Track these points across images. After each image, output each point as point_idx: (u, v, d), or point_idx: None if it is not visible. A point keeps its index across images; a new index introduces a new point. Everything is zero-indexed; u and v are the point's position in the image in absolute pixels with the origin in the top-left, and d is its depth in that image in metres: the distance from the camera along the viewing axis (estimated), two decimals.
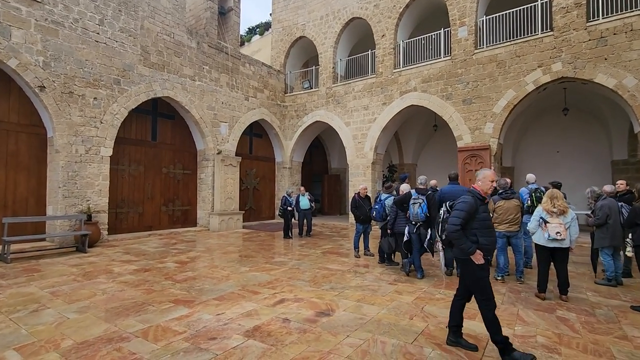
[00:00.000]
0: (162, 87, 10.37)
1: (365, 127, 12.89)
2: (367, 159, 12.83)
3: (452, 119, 10.87)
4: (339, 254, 7.77)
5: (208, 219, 11.78)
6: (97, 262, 6.73)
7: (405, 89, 11.90)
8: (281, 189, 15.40)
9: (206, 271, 6.16)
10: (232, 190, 12.19)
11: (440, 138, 15.79)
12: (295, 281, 5.49)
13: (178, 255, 7.59)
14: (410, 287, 5.14)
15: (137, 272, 6.06)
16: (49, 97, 7.97)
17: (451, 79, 10.87)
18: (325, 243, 9.36)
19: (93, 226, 8.28)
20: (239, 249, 8.38)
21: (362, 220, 7.47)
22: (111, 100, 9.14)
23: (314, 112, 14.43)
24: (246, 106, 13.32)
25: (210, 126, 11.87)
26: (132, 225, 10.25)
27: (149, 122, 10.78)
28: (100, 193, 8.89)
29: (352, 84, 13.32)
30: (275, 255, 7.72)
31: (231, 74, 12.70)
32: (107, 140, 9.07)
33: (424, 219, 5.41)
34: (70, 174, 8.32)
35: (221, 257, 7.40)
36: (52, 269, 6.18)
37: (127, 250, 8.07)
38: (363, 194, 7.57)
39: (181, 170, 11.66)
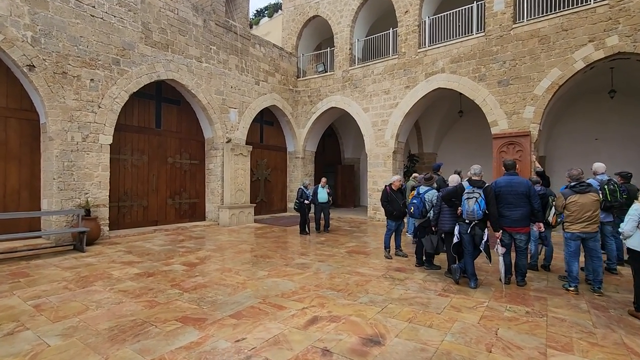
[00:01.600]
0: (166, 68, 9.43)
1: (385, 113, 11.87)
2: (387, 148, 11.84)
3: (485, 103, 9.80)
4: (366, 254, 6.88)
5: (217, 213, 10.95)
6: (94, 264, 5.92)
7: (432, 70, 10.81)
8: (293, 180, 14.52)
9: (218, 276, 5.32)
10: (243, 182, 11.32)
11: (465, 125, 14.73)
12: (324, 290, 4.62)
13: (186, 255, 6.76)
14: (467, 301, 4.23)
15: (140, 276, 5.24)
16: (39, 78, 7.10)
17: (485, 58, 9.77)
18: (347, 240, 8.48)
19: (92, 222, 7.47)
20: (253, 248, 7.53)
21: (395, 217, 6.55)
22: (110, 83, 8.24)
23: (329, 98, 13.42)
24: (256, 91, 12.35)
25: (219, 112, 10.95)
26: (136, 219, 9.45)
27: (153, 107, 9.89)
28: (100, 185, 8.07)
29: (371, 66, 12.26)
30: (295, 255, 6.85)
31: (240, 56, 11.72)
32: (107, 126, 8.20)
33: (480, 217, 4.47)
34: (66, 164, 7.50)
35: (234, 258, 6.55)
36: (42, 272, 5.38)
37: (129, 248, 7.26)
38: (396, 187, 6.63)
39: (188, 160, 10.80)
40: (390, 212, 6.57)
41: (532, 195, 4.67)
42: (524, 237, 4.76)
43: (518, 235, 4.75)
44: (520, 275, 4.77)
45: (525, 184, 4.69)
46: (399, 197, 6.59)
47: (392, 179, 6.71)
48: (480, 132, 14.32)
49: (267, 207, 13.58)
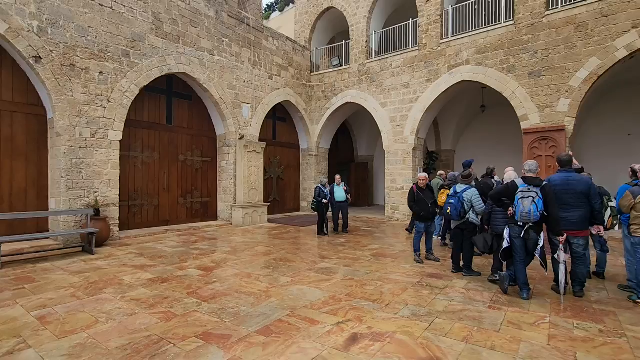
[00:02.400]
0: (178, 61, 9.01)
1: (405, 108, 11.32)
2: (407, 144, 11.30)
3: (514, 96, 9.20)
4: (394, 258, 6.37)
5: (230, 212, 10.53)
6: (104, 268, 5.52)
7: (455, 62, 10.23)
8: (307, 178, 14.06)
9: (238, 282, 4.86)
10: (256, 180, 10.88)
11: (486, 120, 14.12)
12: (358, 301, 4.13)
13: (200, 257, 6.33)
14: (524, 315, 3.71)
15: (153, 283, 4.81)
16: (46, 70, 6.72)
17: (514, 48, 9.16)
18: (369, 242, 7.98)
19: (101, 222, 7.09)
20: (271, 250, 7.07)
21: (424, 218, 6.03)
22: (119, 76, 7.84)
23: (344, 93, 12.90)
24: (270, 86, 11.89)
25: (231, 108, 10.51)
26: (146, 219, 9.07)
27: (163, 102, 9.49)
28: (110, 183, 7.69)
29: (390, 59, 11.71)
30: (316, 258, 6.38)
31: (253, 49, 11.26)
32: (116, 122, 7.81)
33: (537, 219, 3.94)
34: (74, 161, 7.12)
35: (252, 262, 6.10)
36: (48, 278, 4.98)
37: (141, 250, 6.86)
38: (423, 185, 6.10)
39: (200, 157, 10.39)
40: (417, 213, 6.06)
41: (592, 195, 4.13)
42: (582, 242, 4.22)
43: (575, 239, 4.21)
44: (579, 285, 4.23)
45: (586, 182, 4.15)
46: (427, 196, 6.06)
47: (421, 175, 6.17)
48: (503, 127, 13.73)
49: (280, 206, 13.14)
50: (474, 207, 5.01)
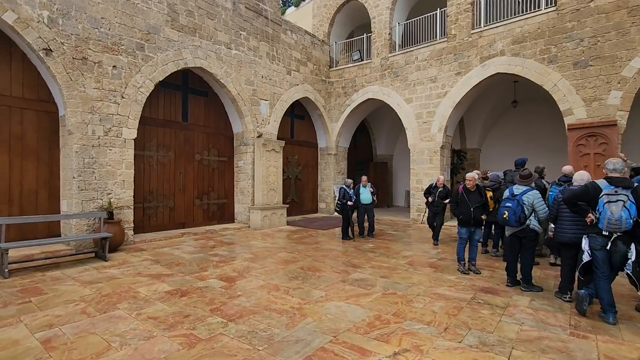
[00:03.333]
0: (194, 55, 8.54)
1: (432, 104, 10.63)
2: (434, 142, 10.61)
3: (556, 89, 8.43)
4: (434, 267, 5.74)
5: (248, 215, 10.03)
6: (118, 278, 5.04)
7: (488, 54, 9.51)
8: (325, 178, 13.48)
9: (265, 297, 4.31)
10: (275, 181, 10.35)
11: (515, 117, 13.31)
12: (409, 323, 3.53)
13: (221, 265, 5.81)
14: (620, 346, 3.05)
15: (171, 296, 4.29)
16: (57, 64, 6.29)
17: (556, 37, 8.40)
18: (400, 247, 7.35)
19: (115, 226, 6.64)
20: (295, 257, 6.51)
21: (464, 222, 5.38)
22: (134, 70, 7.40)
23: (366, 89, 12.27)
24: (288, 81, 11.35)
25: (249, 104, 10.00)
26: (161, 222, 8.63)
27: (179, 99, 9.03)
28: (124, 184, 7.24)
29: (415, 52, 11.03)
30: (347, 267, 5.78)
31: (271, 43, 10.73)
32: (130, 119, 7.37)
33: (629, 227, 3.27)
34: (86, 160, 6.69)
35: (277, 271, 5.55)
36: (57, 289, 4.52)
37: (156, 256, 6.38)
38: (471, 186, 5.44)
39: (216, 157, 9.91)
40: (457, 216, 5.44)
41: None
42: None
43: None
44: None
45: None
46: (474, 198, 5.40)
47: (469, 175, 5.50)
48: (534, 124, 12.92)
49: (297, 208, 12.59)
50: (536, 212, 4.35)
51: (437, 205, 7.67)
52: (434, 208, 7.75)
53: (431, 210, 7.85)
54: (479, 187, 5.58)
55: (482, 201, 5.47)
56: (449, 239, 8.11)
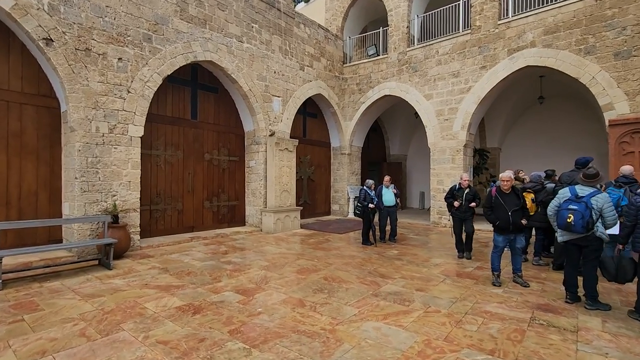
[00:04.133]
0: (204, 48, 8.03)
1: (454, 100, 10.02)
2: (457, 141, 9.99)
3: (595, 82, 7.78)
4: (473, 278, 5.14)
5: (260, 217, 9.49)
6: (123, 290, 4.51)
7: (517, 46, 8.88)
8: (338, 179, 12.92)
9: (290, 314, 3.75)
10: (288, 182, 9.80)
11: (539, 114, 12.64)
12: (469, 352, 2.94)
13: (235, 275, 5.27)
14: None
15: (183, 313, 3.76)
16: (58, 55, 5.81)
17: (594, 25, 7.75)
18: (427, 254, 6.76)
19: (120, 230, 6.13)
20: (316, 265, 5.95)
21: (500, 229, 4.78)
22: (140, 63, 6.90)
23: (382, 85, 11.69)
24: (301, 77, 10.81)
25: (261, 101, 9.47)
26: (169, 225, 8.12)
27: (188, 95, 8.53)
28: (130, 185, 6.74)
29: (435, 46, 10.43)
30: (376, 277, 5.21)
31: (284, 37, 10.20)
32: (137, 115, 6.87)
33: None
34: (90, 159, 6.19)
35: (299, 282, 4.99)
36: (55, 304, 4.00)
37: (164, 264, 5.86)
38: (507, 188, 4.84)
39: (226, 156, 9.40)
40: (493, 222, 4.82)
41: None
42: None
43: None
44: None
45: None
46: (510, 201, 4.79)
47: (505, 175, 4.88)
48: (561, 122, 12.25)
49: (310, 210, 12.03)
50: (605, 219, 3.74)
51: (465, 211, 6.41)
52: (460, 214, 6.44)
53: (457, 217, 6.50)
54: (514, 189, 4.97)
55: (520, 204, 4.85)
56: (476, 244, 7.49)
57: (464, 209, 6.42)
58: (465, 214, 6.43)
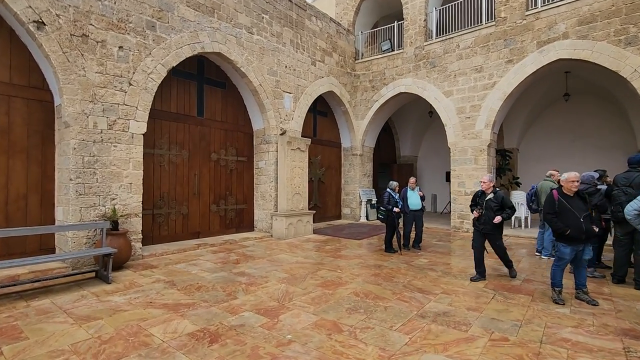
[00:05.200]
0: (212, 38, 7.40)
1: (477, 97, 9.40)
2: (480, 140, 9.36)
3: (637, 75, 7.17)
4: (527, 293, 4.48)
5: (270, 222, 8.82)
6: (123, 310, 3.84)
7: (548, 38, 8.27)
8: (349, 181, 12.28)
9: (327, 343, 3.09)
10: (300, 183, 9.14)
11: (561, 112, 12.04)
12: None
13: (252, 290, 4.59)
14: None
15: (197, 342, 3.09)
16: (51, 41, 5.16)
17: (637, 14, 7.15)
18: (461, 263, 6.10)
19: (120, 238, 5.46)
20: (340, 276, 5.28)
21: (571, 239, 4.11)
22: (143, 53, 6.26)
23: (397, 82, 11.07)
24: (313, 73, 10.19)
25: (272, 97, 8.83)
26: (173, 231, 7.45)
27: (194, 90, 7.89)
28: (131, 188, 6.08)
29: (456, 39, 9.83)
30: (414, 292, 4.54)
31: (295, 29, 9.58)
32: (139, 110, 6.21)
33: None
34: (86, 159, 5.53)
35: (326, 298, 4.32)
36: (42, 330, 3.32)
37: (170, 276, 5.19)
38: (572, 189, 4.19)
39: (234, 156, 8.74)
40: (560, 232, 4.14)
41: None
42: None
43: None
44: None
45: None
46: (577, 206, 4.15)
47: (571, 175, 4.24)
48: (584, 120, 11.66)
49: (320, 214, 11.37)
50: None
51: (484, 223, 5.01)
52: (480, 226, 5.08)
53: (477, 230, 5.14)
54: (579, 192, 4.32)
55: (587, 208, 4.21)
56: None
57: (483, 221, 5.04)
58: (486, 227, 5.02)
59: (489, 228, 5.02)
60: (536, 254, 6.63)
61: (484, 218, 5.05)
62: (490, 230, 5.03)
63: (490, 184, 5.14)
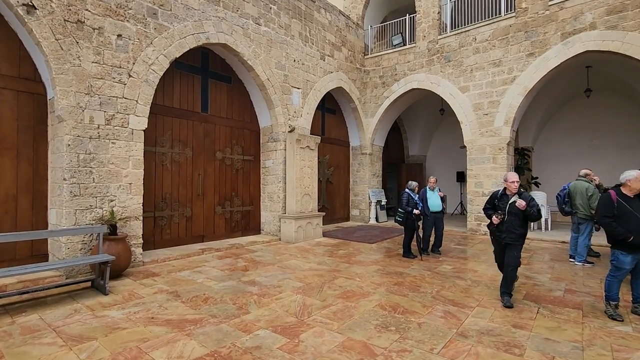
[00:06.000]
0: (217, 28, 6.93)
1: (495, 92, 8.92)
2: (499, 138, 8.87)
3: None
4: (575, 307, 3.99)
5: (278, 225, 8.34)
6: (121, 328, 3.36)
7: (573, 29, 7.79)
8: (358, 181, 11.80)
9: None
10: (310, 184, 8.66)
11: (579, 110, 11.55)
12: None
13: (265, 302, 4.11)
14: None
15: None
16: (43, 26, 4.69)
17: None
18: (488, 270, 5.60)
19: (119, 244, 4.98)
20: (361, 286, 4.80)
21: (631, 246, 3.59)
22: (144, 42, 5.79)
23: (409, 77, 10.60)
24: (322, 68, 9.71)
25: (280, 92, 8.36)
26: (176, 235, 6.97)
27: (198, 85, 7.42)
28: (131, 188, 5.60)
29: (472, 32, 9.35)
30: (446, 304, 4.05)
31: (304, 21, 9.11)
32: (140, 104, 5.74)
33: None
34: (82, 156, 5.06)
35: (350, 312, 3.84)
36: (26, 355, 2.84)
37: (174, 285, 4.71)
38: (635, 190, 3.70)
39: (240, 155, 8.27)
40: (619, 237, 3.63)
41: None
42: None
43: None
44: None
45: None
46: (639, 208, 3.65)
47: (635, 174, 3.72)
48: (604, 117, 11.15)
49: (329, 215, 10.88)
50: None
51: (507, 231, 4.05)
52: (502, 235, 4.12)
53: (496, 240, 4.29)
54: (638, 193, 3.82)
55: None
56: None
57: (505, 228, 4.07)
58: (509, 236, 4.04)
59: (512, 237, 4.04)
60: (570, 260, 6.14)
61: (506, 225, 4.07)
62: (514, 240, 4.05)
63: (518, 185, 4.16)
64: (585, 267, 5.72)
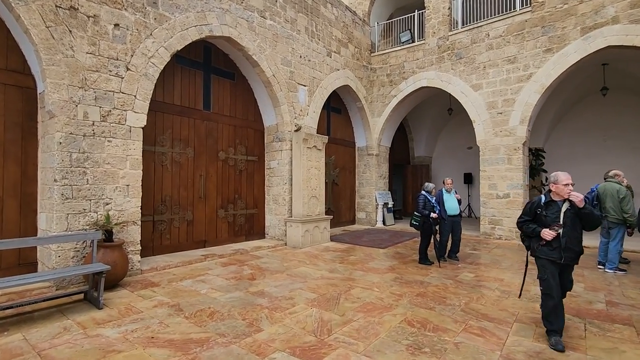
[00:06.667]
0: (221, 21, 6.52)
1: (510, 90, 8.55)
2: (514, 137, 8.50)
3: None
4: (625, 322, 3.59)
5: (283, 229, 7.92)
6: (116, 350, 2.92)
7: (594, 23, 7.44)
8: (364, 183, 11.40)
9: None
10: (317, 186, 8.26)
11: (592, 109, 11.20)
12: None
13: (277, 316, 3.69)
14: None
15: None
16: (32, 12, 4.27)
17: None
18: (514, 279, 5.19)
19: (115, 251, 4.55)
20: (381, 297, 4.38)
21: None
22: (143, 33, 5.37)
23: (417, 75, 10.23)
24: (328, 65, 9.32)
25: (286, 90, 7.96)
26: (177, 240, 6.54)
27: (200, 81, 7.00)
28: (128, 190, 5.17)
29: (485, 28, 8.99)
30: (480, 319, 3.64)
31: (310, 16, 8.73)
32: (138, 100, 5.32)
33: None
34: (75, 156, 4.62)
35: (375, 330, 3.42)
36: None
37: (175, 297, 4.28)
38: None
39: (244, 155, 7.85)
40: None
41: None
42: None
43: None
44: None
45: None
46: None
47: None
48: (619, 117, 10.84)
49: (335, 218, 10.43)
50: None
51: (570, 247, 3.09)
52: (564, 255, 3.10)
53: (557, 257, 3.12)
54: None
55: None
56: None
57: (565, 244, 3.08)
58: (570, 255, 3.12)
59: (572, 256, 3.13)
60: (598, 267, 5.75)
61: (564, 239, 3.09)
62: (574, 260, 3.16)
63: (571, 186, 3.14)
64: (618, 275, 5.33)
